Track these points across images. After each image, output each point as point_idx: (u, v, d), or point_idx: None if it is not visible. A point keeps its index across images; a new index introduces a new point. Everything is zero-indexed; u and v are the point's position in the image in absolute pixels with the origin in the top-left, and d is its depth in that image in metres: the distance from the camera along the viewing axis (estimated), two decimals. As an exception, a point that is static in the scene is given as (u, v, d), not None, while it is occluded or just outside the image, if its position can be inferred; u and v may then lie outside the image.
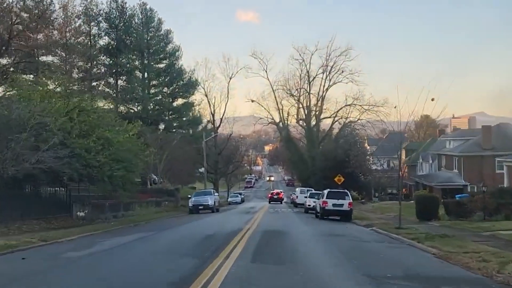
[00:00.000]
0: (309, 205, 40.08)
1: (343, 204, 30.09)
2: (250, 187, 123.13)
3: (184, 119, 62.59)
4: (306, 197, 52.34)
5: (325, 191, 31.51)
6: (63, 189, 27.83)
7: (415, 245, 15.52)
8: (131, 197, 37.77)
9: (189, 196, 44.60)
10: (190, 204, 42.48)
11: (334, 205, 30.05)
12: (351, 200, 30.56)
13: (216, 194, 44.62)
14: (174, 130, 61.59)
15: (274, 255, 12.26)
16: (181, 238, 17.52)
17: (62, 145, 23.60)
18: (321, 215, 30.85)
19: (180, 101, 63.96)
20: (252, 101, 73.37)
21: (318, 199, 33.65)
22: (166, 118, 62.04)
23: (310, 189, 56.16)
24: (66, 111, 24.54)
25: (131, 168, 26.36)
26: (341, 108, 71.71)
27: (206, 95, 69.70)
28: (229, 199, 76.04)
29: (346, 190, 31.48)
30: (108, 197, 30.92)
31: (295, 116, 75.37)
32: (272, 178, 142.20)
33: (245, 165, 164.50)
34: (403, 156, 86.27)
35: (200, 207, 42.01)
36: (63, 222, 25.58)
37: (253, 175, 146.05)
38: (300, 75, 72.63)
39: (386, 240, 18.00)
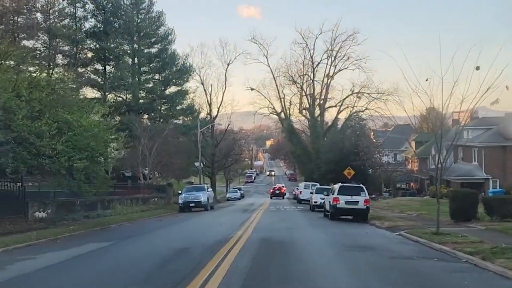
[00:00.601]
0: (315, 202, 35.01)
1: (358, 202, 25.02)
2: (250, 182, 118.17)
3: (177, 108, 57.42)
4: (311, 192, 47.51)
5: (336, 186, 26.41)
6: (20, 184, 22.81)
7: (484, 266, 10.45)
8: (108, 194, 32.98)
9: (180, 192, 39.57)
10: (180, 201, 37.50)
11: (347, 202, 24.98)
12: (367, 197, 25.44)
13: (209, 189, 39.63)
14: (166, 120, 56.39)
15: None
16: (139, 254, 12.46)
17: (6, 128, 18.58)
18: (331, 215, 25.79)
19: (173, 89, 58.84)
20: (252, 89, 68.27)
21: (327, 195, 28.59)
22: (158, 107, 56.88)
23: (315, 183, 51.16)
24: (14, 86, 19.45)
25: (97, 158, 21.24)
26: (347, 96, 66.65)
27: (202, 83, 64.68)
28: (228, 195, 71.18)
29: (361, 185, 26.37)
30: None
31: (298, 105, 70.31)
32: (273, 173, 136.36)
33: (246, 159, 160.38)
34: (413, 148, 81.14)
35: (191, 205, 37.03)
36: (12, 226, 20.61)
37: (253, 170, 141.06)
38: (304, 61, 67.54)
39: (430, 253, 12.91)
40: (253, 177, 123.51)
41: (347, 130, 62.29)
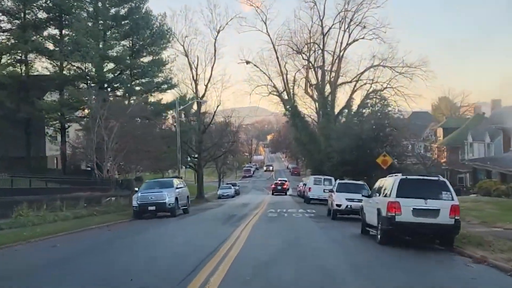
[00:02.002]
0: (338, 205, 22.59)
1: (438, 211, 12.72)
2: (248, 176, 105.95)
3: (151, 81, 45.01)
4: (330, 191, 35.73)
5: (392, 180, 13.94)
6: None
7: None
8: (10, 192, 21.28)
9: (136, 189, 27.34)
10: (134, 203, 25.31)
11: (418, 211, 12.71)
12: (455, 201, 12.97)
13: (181, 185, 27.30)
14: (137, 96, 44.11)
15: None
16: None
17: None
18: (384, 235, 13.46)
19: (146, 59, 46.49)
20: (247, 62, 55.77)
21: (369, 196, 16.23)
22: (127, 80, 44.53)
23: (329, 177, 39.05)
24: None
25: None
26: (366, 70, 54.20)
27: (186, 55, 52.29)
28: (219, 192, 59.13)
29: (443, 179, 13.83)
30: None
31: (303, 83, 57.83)
32: (271, 168, 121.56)
33: (245, 153, 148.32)
34: (440, 137, 68.81)
35: (151, 208, 24.91)
36: None
37: (252, 164, 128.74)
38: (311, 26, 54.95)
39: None
40: (251, 172, 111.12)
41: (365, 111, 49.95)
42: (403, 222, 12.86)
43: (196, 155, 52.54)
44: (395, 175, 14.25)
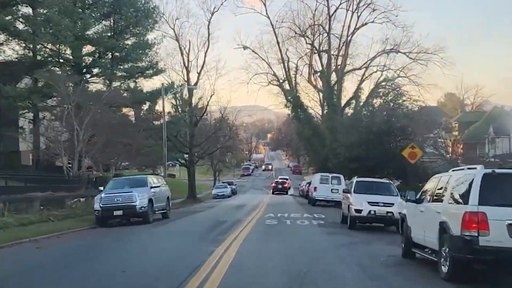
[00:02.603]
0: (358, 211, 16.91)
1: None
2: (247, 175, 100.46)
3: (135, 65, 39.47)
4: (335, 190, 30.67)
5: (465, 176, 8.57)
6: None
7: None
8: None
9: (101, 188, 21.94)
10: (96, 206, 19.93)
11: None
12: None
13: (157, 184, 21.82)
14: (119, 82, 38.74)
15: None
16: None
17: None
18: (460, 266, 8.03)
19: (130, 41, 40.96)
20: (245, 47, 50.41)
21: (417, 200, 10.72)
22: (107, 64, 39.05)
23: (338, 175, 33.83)
24: None
25: None
26: (376, 56, 48.82)
27: (176, 39, 46.92)
28: (214, 191, 53.78)
29: None
30: None
31: (307, 72, 52.48)
32: (270, 167, 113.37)
33: (245, 151, 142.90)
34: (456, 131, 63.41)
35: (117, 213, 19.63)
36: None
37: (251, 162, 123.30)
38: (316, 7, 49.41)
39: None
40: (250, 170, 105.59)
41: (376, 102, 44.64)
42: (492, 247, 7.47)
43: (187, 151, 47.06)
44: (469, 168, 8.89)
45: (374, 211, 16.42)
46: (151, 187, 20.95)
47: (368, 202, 16.62)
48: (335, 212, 28.49)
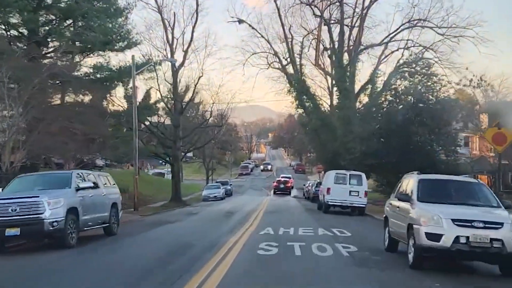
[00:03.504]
0: (434, 237, 8.77)
1: None
2: (246, 174, 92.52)
3: (100, 36, 31.42)
4: (355, 193, 23.17)
5: None
6: None
7: None
8: None
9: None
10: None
11: None
12: None
13: (88, 185, 13.74)
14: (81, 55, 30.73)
15: None
16: None
17: None
18: None
19: (95, 5, 32.88)
20: (240, 21, 42.35)
21: None
22: (65, 33, 31.04)
23: (358, 173, 25.98)
24: None
25: None
26: (398, 31, 40.68)
27: (159, 11, 38.96)
28: (204, 193, 45.94)
29: None
30: None
31: (313, 54, 44.47)
32: (269, 167, 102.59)
33: (244, 150, 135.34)
34: (485, 125, 55.27)
35: (11, 231, 11.74)
36: None
37: (250, 160, 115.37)
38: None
39: None
40: (249, 169, 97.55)
41: (400, 85, 36.63)
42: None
43: (170, 144, 39.07)
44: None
45: (467, 237, 8.45)
46: (77, 189, 13.03)
47: (454, 221, 8.67)
48: (359, 222, 20.64)
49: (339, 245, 11.87)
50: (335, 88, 44.93)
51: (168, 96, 38.74)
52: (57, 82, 25.56)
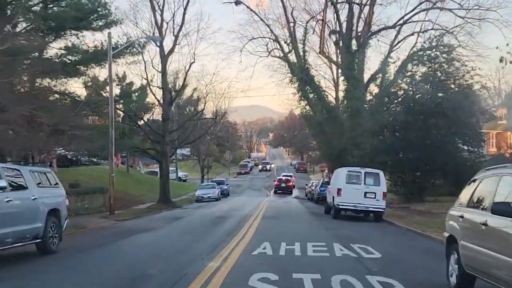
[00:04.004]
0: None
1: None
2: (245, 173, 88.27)
3: (72, 12, 27.17)
4: (371, 195, 19.28)
5: None
6: None
7: None
8: None
9: None
10: None
11: None
12: None
13: (2, 184, 9.61)
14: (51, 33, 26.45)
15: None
16: None
17: None
18: None
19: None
20: (237, 2, 38.04)
21: None
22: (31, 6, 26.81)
23: (375, 171, 21.70)
24: None
25: None
26: (412, 14, 36.30)
27: (145, -10, 34.82)
28: (197, 193, 41.79)
29: None
30: None
31: (317, 41, 40.23)
32: (268, 167, 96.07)
33: (244, 148, 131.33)
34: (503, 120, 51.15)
35: None
36: None
37: (249, 159, 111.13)
38: None
39: None
40: (248, 168, 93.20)
41: (417, 72, 32.43)
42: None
43: (157, 139, 34.82)
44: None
45: None
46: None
47: None
48: (381, 232, 16.43)
49: (374, 280, 7.63)
50: (341, 79, 40.83)
51: (160, 87, 34.48)
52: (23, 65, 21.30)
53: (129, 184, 46.96)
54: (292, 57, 40.31)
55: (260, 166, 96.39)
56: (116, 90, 29.71)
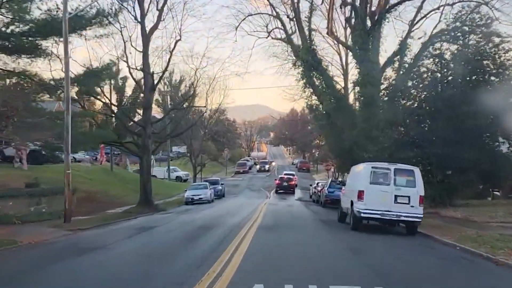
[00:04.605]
0: None
1: None
2: (243, 172, 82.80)
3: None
4: (407, 200, 14.71)
5: None
6: None
7: None
8: None
9: None
10: None
11: None
12: None
13: None
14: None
15: None
16: None
17: None
18: None
19: None
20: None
21: None
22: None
23: (409, 168, 16.27)
24: None
25: None
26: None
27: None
28: (186, 194, 36.59)
29: None
30: None
31: (324, 23, 34.96)
32: (266, 167, 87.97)
33: (243, 146, 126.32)
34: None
35: None
36: None
37: (248, 158, 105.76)
38: None
39: None
40: (247, 167, 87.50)
41: (447, 49, 27.01)
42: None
43: (138, 131, 29.50)
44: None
45: None
46: None
47: None
48: (428, 253, 11.15)
49: None
50: (350, 66, 35.63)
51: (140, 69, 29.17)
52: None
53: (112, 183, 41.86)
54: (296, 40, 35.08)
55: (257, 167, 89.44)
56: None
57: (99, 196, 34.62)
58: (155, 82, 29.50)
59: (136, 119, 32.19)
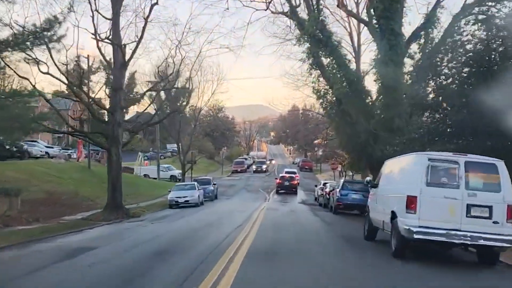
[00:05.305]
0: None
1: None
2: (241, 171, 76.80)
3: None
4: (487, 213, 8.08)
5: None
6: None
7: None
8: None
9: None
10: None
11: None
12: None
13: None
14: None
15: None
16: None
17: None
18: None
19: None
20: None
21: None
22: None
23: (488, 161, 10.11)
24: None
25: None
26: None
27: None
28: (170, 196, 30.70)
29: None
30: None
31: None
32: (265, 167, 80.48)
33: (241, 144, 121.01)
34: None
35: None
36: None
37: (246, 156, 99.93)
38: None
39: None
40: (245, 165, 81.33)
41: (496, 13, 21.13)
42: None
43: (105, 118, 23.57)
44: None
45: None
46: None
47: None
48: None
49: None
50: (363, 48, 29.70)
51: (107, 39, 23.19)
52: None
53: (86, 183, 36.33)
54: (301, 14, 29.16)
55: (254, 167, 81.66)
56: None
57: (64, 198, 29.10)
58: (127, 57, 23.54)
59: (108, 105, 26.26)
